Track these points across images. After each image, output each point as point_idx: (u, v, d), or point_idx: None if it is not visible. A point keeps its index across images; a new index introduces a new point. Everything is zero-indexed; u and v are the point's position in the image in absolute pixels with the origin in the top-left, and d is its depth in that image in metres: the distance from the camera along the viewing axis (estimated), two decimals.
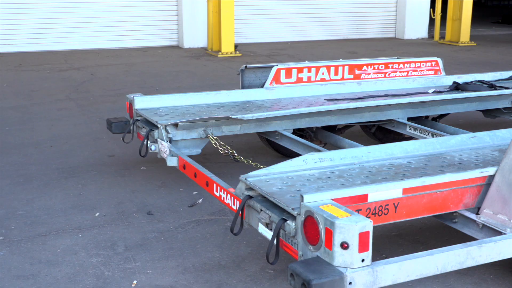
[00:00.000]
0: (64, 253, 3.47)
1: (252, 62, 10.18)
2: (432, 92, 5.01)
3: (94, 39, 11.73)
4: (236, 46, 11.53)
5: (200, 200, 4.22)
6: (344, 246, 2.29)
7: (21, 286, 3.12)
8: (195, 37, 12.29)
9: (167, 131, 3.94)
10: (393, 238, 3.67)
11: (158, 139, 3.98)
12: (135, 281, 3.16)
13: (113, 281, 3.17)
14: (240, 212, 2.88)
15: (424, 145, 3.48)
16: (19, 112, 6.81)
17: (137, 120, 4.30)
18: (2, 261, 3.38)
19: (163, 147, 3.91)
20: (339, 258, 2.30)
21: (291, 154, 4.55)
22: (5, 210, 4.07)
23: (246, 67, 4.94)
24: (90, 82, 8.62)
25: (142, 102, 4.43)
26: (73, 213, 4.05)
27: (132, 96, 4.45)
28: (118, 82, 8.65)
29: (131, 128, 4.32)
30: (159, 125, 3.96)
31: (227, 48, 11.36)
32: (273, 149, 5.09)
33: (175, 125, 3.96)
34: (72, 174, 4.78)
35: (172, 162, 3.79)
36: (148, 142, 4.04)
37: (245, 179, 2.94)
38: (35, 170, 4.91)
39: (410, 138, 4.68)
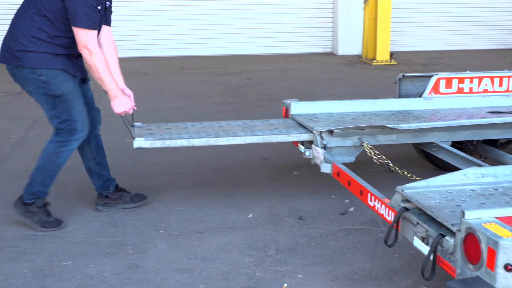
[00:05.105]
0: (218, 251, 3.60)
1: (408, 71, 9.95)
2: None
3: (251, 45, 12.06)
4: (391, 54, 11.33)
5: (351, 209, 4.20)
6: (508, 268, 2.17)
7: (178, 279, 3.29)
8: (350, 44, 12.24)
9: (322, 138, 3.95)
10: None
11: (313, 145, 4.00)
12: (285, 285, 3.20)
13: (264, 282, 3.24)
14: (395, 224, 2.83)
15: None
16: (179, 113, 7.18)
17: None
18: (162, 254, 3.58)
19: (317, 153, 3.93)
20: (502, 280, 2.19)
21: (447, 167, 4.39)
22: (165, 205, 4.30)
23: (403, 75, 4.84)
24: (246, 87, 8.88)
25: (298, 108, 4.48)
26: (227, 212, 4.19)
27: (288, 101, 4.53)
28: (273, 87, 8.84)
29: None
30: (314, 132, 3.99)
31: (382, 56, 11.19)
32: (428, 161, 4.94)
33: (330, 132, 3.97)
34: (227, 175, 4.95)
35: (326, 168, 3.80)
36: (303, 147, 4.09)
37: (402, 190, 2.88)
38: (192, 168, 5.14)
39: None
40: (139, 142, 3.87)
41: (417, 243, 2.72)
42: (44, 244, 3.72)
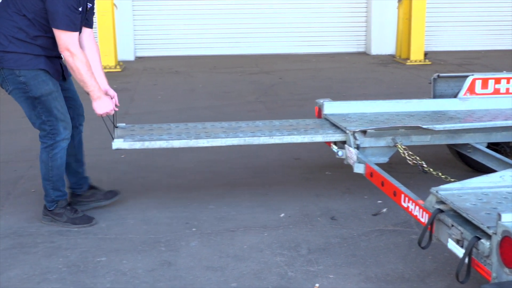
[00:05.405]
0: (250, 250, 3.61)
1: (442, 71, 9.83)
2: None
3: (284, 44, 12.05)
4: (425, 54, 11.21)
5: (384, 210, 4.17)
6: None
7: (210, 277, 3.30)
8: (383, 44, 12.14)
9: (355, 138, 3.93)
10: None
11: (346, 145, 3.99)
12: (317, 285, 3.19)
13: (295, 282, 3.24)
14: (429, 226, 2.80)
15: None
16: (212, 112, 7.21)
17: None
18: (194, 252, 3.60)
19: (350, 153, 3.91)
20: None
21: (482, 169, 4.32)
22: (198, 203, 4.33)
23: (438, 76, 4.79)
24: (278, 86, 8.87)
25: (331, 108, 4.47)
26: (259, 211, 4.19)
27: (321, 101, 4.51)
28: (305, 86, 8.81)
29: None
30: (347, 132, 3.97)
31: (416, 55, 11.08)
32: (463, 162, 4.87)
33: (363, 132, 3.94)
34: (258, 174, 4.95)
35: (359, 169, 3.78)
36: (336, 147, 4.08)
37: (436, 192, 2.85)
38: (224, 167, 5.16)
39: None
40: (117, 143, 3.86)
41: (452, 245, 2.69)
42: (78, 240, 3.77)
